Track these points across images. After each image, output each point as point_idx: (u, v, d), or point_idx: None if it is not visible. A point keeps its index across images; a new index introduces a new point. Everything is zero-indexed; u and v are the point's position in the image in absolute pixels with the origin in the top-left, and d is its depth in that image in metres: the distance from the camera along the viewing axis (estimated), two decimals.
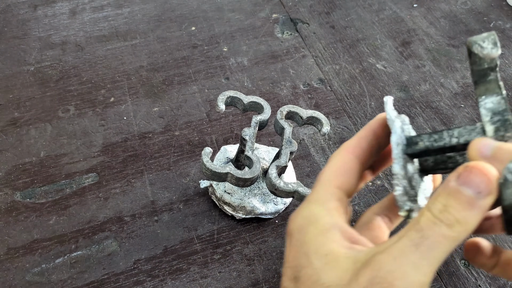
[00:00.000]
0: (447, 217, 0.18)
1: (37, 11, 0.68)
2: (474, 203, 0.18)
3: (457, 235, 0.18)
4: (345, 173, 0.22)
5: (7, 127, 0.54)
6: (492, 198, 0.18)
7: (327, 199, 0.21)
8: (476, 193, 0.18)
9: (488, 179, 0.18)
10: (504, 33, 0.67)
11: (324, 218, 0.20)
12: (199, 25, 0.67)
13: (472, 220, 0.18)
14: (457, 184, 0.18)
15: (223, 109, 0.41)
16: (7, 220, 0.46)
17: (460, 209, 0.18)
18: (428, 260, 0.17)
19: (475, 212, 0.18)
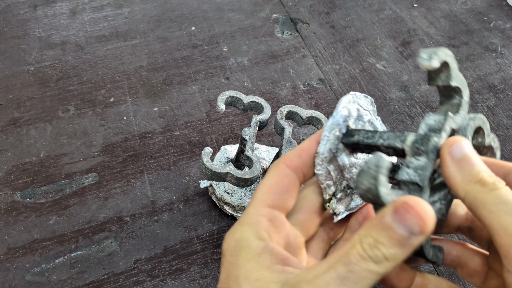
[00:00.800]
0: (376, 254, 0.18)
1: (37, 11, 0.68)
2: (405, 242, 0.18)
3: (384, 271, 0.18)
4: (279, 190, 0.22)
5: (7, 127, 0.54)
6: (424, 238, 0.18)
7: (258, 221, 0.21)
8: (409, 233, 0.18)
9: (424, 222, 0.18)
10: (504, 33, 0.67)
11: (255, 242, 0.20)
12: (199, 25, 0.67)
13: (400, 257, 0.18)
14: (392, 220, 0.18)
15: (223, 109, 0.41)
16: (7, 220, 0.46)
17: (390, 246, 0.18)
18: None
19: (404, 250, 0.18)
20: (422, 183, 0.20)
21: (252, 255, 0.20)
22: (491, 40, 0.66)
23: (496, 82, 0.61)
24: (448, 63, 0.22)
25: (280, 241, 0.22)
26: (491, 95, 0.59)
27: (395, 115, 0.57)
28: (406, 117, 0.56)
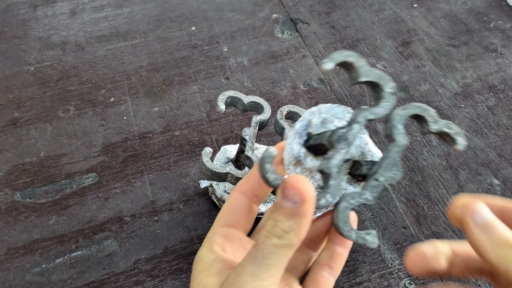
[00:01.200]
0: (276, 230, 0.21)
1: (37, 11, 0.68)
2: (294, 212, 0.21)
3: (288, 242, 0.21)
4: (231, 212, 0.26)
5: (7, 127, 0.54)
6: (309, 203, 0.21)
7: (212, 239, 0.25)
8: (293, 204, 0.21)
9: (299, 190, 0.21)
10: (504, 33, 0.67)
11: (207, 256, 0.24)
12: (199, 25, 0.67)
13: (297, 226, 0.21)
14: (280, 199, 0.21)
15: (223, 109, 0.41)
16: (7, 220, 0.46)
17: (285, 220, 0.21)
18: (265, 269, 0.21)
19: (297, 220, 0.21)
20: (328, 170, 0.23)
21: (205, 266, 0.24)
22: (491, 40, 0.66)
23: (496, 82, 0.61)
24: (352, 62, 0.24)
25: (236, 253, 0.25)
26: (491, 95, 0.59)
27: None
28: None
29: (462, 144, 0.24)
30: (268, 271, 0.21)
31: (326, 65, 0.23)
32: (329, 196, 0.23)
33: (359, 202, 0.24)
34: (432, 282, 0.43)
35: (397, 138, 0.24)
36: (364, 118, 0.24)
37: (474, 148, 0.53)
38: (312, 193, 0.21)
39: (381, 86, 0.25)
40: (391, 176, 0.24)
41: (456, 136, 0.25)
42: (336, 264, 0.28)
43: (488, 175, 0.51)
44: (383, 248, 0.45)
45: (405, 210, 0.48)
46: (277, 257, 0.21)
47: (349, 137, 0.24)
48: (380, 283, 0.43)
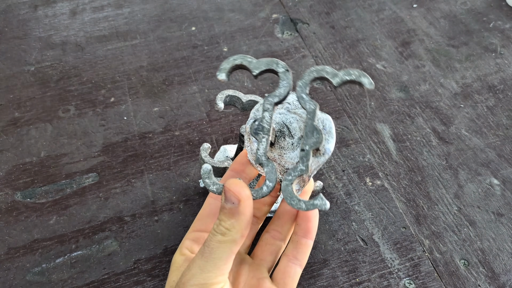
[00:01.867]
0: (220, 229, 0.24)
1: (37, 11, 0.68)
2: (234, 212, 0.24)
3: (230, 238, 0.24)
4: (203, 217, 0.29)
5: (8, 127, 0.54)
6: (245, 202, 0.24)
7: (183, 243, 0.28)
8: (232, 204, 0.24)
9: (234, 192, 0.24)
10: (503, 33, 0.67)
11: (178, 258, 0.27)
12: (199, 25, 0.67)
13: (237, 224, 0.24)
14: (223, 201, 0.25)
15: (222, 107, 0.41)
16: (8, 220, 0.46)
17: (227, 219, 0.24)
18: (211, 262, 0.24)
19: (237, 218, 0.24)
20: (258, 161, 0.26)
21: (176, 267, 0.27)
22: (491, 40, 0.66)
23: (495, 82, 0.61)
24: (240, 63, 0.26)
25: None
26: (490, 95, 0.59)
27: (395, 115, 0.57)
28: (406, 117, 0.56)
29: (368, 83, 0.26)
30: (214, 264, 0.24)
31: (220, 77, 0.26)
32: (268, 182, 0.25)
33: (295, 175, 0.25)
34: (432, 282, 0.43)
35: (306, 107, 0.27)
36: (271, 104, 0.26)
37: (473, 148, 0.54)
38: (246, 194, 0.24)
39: (275, 69, 0.27)
40: (314, 141, 0.26)
41: (360, 79, 0.26)
42: (301, 254, 0.30)
43: (487, 175, 0.51)
44: (383, 248, 0.45)
45: (405, 210, 0.48)
46: (222, 252, 0.24)
47: (265, 125, 0.26)
48: (380, 283, 0.43)
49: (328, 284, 0.42)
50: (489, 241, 0.46)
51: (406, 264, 0.44)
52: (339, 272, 0.43)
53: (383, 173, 0.51)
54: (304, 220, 0.30)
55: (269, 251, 0.30)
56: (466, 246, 0.45)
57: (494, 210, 0.48)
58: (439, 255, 0.45)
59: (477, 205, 0.49)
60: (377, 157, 0.52)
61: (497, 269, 0.44)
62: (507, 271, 0.44)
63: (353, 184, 0.50)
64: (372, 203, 0.48)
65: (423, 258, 0.44)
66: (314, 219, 0.30)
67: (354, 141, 0.54)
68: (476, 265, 0.44)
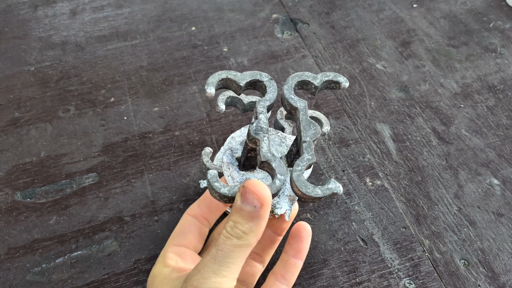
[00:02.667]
0: (236, 232, 0.23)
1: (37, 11, 0.68)
2: (254, 215, 0.23)
3: (247, 242, 0.23)
4: (183, 233, 0.29)
5: (8, 127, 0.54)
6: (267, 205, 0.23)
7: (165, 256, 0.28)
8: (253, 207, 0.23)
9: (258, 195, 0.23)
10: (503, 33, 0.67)
11: (163, 270, 0.27)
12: (199, 25, 0.67)
13: (256, 228, 0.23)
14: (240, 203, 0.23)
15: (223, 109, 0.41)
16: (8, 220, 0.46)
17: (244, 222, 0.23)
18: (226, 266, 0.23)
19: (256, 222, 0.23)
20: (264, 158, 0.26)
21: (162, 278, 0.26)
22: (491, 40, 0.66)
23: (495, 82, 0.61)
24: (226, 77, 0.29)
25: (190, 267, 0.27)
26: (490, 95, 0.59)
27: (395, 115, 0.57)
28: (406, 117, 0.56)
29: (344, 81, 0.28)
30: (229, 268, 0.23)
31: (208, 91, 0.27)
32: (279, 175, 0.25)
33: (304, 164, 0.26)
34: (432, 282, 0.43)
35: (297, 104, 0.28)
36: (263, 107, 0.28)
37: (473, 148, 0.54)
38: (270, 197, 0.23)
39: (259, 79, 0.28)
40: (313, 132, 0.27)
41: (336, 79, 0.29)
42: (289, 274, 0.29)
43: (487, 175, 0.51)
44: (382, 248, 0.45)
45: (405, 210, 0.48)
46: (237, 256, 0.23)
47: (263, 126, 0.27)
48: (380, 283, 0.43)
49: (328, 284, 0.42)
50: (489, 241, 0.46)
51: (406, 264, 0.44)
52: (339, 272, 0.43)
53: (383, 173, 0.51)
54: (296, 239, 0.29)
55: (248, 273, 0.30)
56: (466, 246, 0.45)
57: (494, 210, 0.48)
58: (439, 255, 0.45)
59: (477, 205, 0.49)
60: (377, 157, 0.52)
61: (497, 269, 0.44)
62: (507, 271, 0.44)
63: (353, 184, 0.50)
64: (372, 203, 0.48)
65: (423, 258, 0.44)
66: (306, 239, 0.29)
67: (354, 141, 0.54)
68: (476, 265, 0.44)
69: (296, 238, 0.29)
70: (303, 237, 0.29)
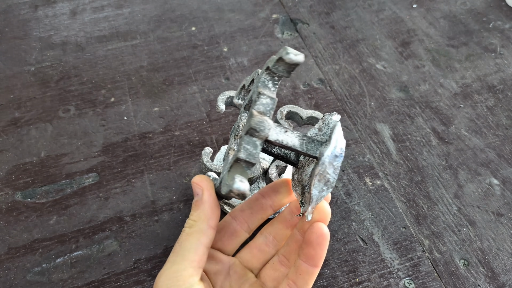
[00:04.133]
0: (188, 222, 0.26)
1: (37, 12, 0.68)
2: (198, 203, 0.26)
3: (197, 229, 0.26)
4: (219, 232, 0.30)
5: (8, 127, 0.54)
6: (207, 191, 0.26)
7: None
8: (197, 196, 0.26)
9: (197, 184, 0.26)
10: (503, 33, 0.68)
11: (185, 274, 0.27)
12: (199, 25, 0.67)
13: (202, 214, 0.26)
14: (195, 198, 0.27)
15: (223, 109, 0.41)
16: (8, 220, 0.46)
17: (193, 212, 0.26)
18: (180, 255, 0.25)
19: (202, 207, 0.26)
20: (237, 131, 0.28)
21: None
22: (490, 41, 0.67)
23: (495, 82, 0.61)
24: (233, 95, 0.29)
25: None
26: (490, 95, 0.59)
27: (394, 115, 0.57)
28: (405, 117, 0.57)
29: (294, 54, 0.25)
30: (183, 256, 0.25)
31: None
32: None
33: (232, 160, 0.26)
34: (432, 282, 0.43)
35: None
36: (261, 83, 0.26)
37: (473, 148, 0.54)
38: (209, 184, 0.26)
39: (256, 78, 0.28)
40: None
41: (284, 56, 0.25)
42: (300, 281, 0.27)
43: (487, 175, 0.51)
44: (382, 248, 0.45)
45: (405, 210, 0.48)
46: (189, 243, 0.25)
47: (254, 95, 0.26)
48: (379, 282, 0.43)
49: (328, 284, 0.42)
50: (488, 241, 0.46)
51: (406, 264, 0.44)
52: (339, 272, 0.43)
53: (383, 173, 0.51)
54: (307, 244, 0.26)
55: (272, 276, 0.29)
56: (466, 246, 0.45)
57: (494, 210, 0.48)
58: (439, 255, 0.45)
59: (476, 205, 0.49)
60: (377, 157, 0.52)
61: (497, 269, 0.44)
62: (507, 271, 0.44)
63: (353, 184, 0.50)
64: (372, 203, 0.48)
65: (423, 258, 0.44)
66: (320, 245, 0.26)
67: (354, 141, 0.54)
68: (475, 265, 0.44)
69: (308, 242, 0.26)
70: (316, 242, 0.26)
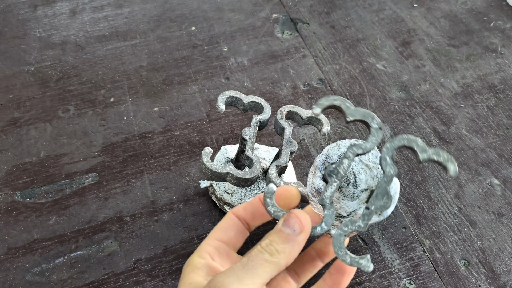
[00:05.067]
0: (270, 248, 0.25)
1: (37, 11, 0.68)
2: (291, 238, 0.25)
3: (277, 261, 0.25)
4: (226, 229, 0.29)
5: (7, 127, 0.54)
6: (305, 234, 0.25)
7: (203, 248, 0.29)
8: (292, 231, 0.25)
9: (300, 221, 0.25)
10: (504, 33, 0.67)
11: (196, 260, 0.28)
12: (199, 25, 0.67)
13: (289, 250, 0.25)
14: (281, 225, 0.25)
15: (223, 109, 0.41)
16: (7, 220, 0.46)
17: (280, 242, 0.25)
18: (251, 276, 0.24)
19: (291, 244, 0.25)
20: (322, 202, 0.27)
21: (192, 268, 0.27)
22: (491, 40, 0.66)
23: (496, 82, 0.61)
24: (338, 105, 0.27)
25: (223, 264, 0.28)
26: (491, 95, 0.59)
27: (395, 115, 0.57)
28: (406, 117, 0.56)
29: (453, 171, 0.26)
30: (253, 279, 0.24)
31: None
32: (323, 224, 0.26)
33: (351, 229, 0.26)
34: (432, 282, 0.43)
35: (386, 169, 0.27)
36: (353, 154, 0.27)
37: (474, 148, 0.54)
38: (310, 227, 0.25)
39: (369, 123, 0.28)
40: (381, 205, 0.26)
41: (446, 163, 0.26)
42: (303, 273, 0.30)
43: (488, 175, 0.51)
44: (383, 248, 0.45)
45: (405, 210, 0.48)
46: (263, 270, 0.24)
47: (340, 171, 0.27)
48: (380, 283, 0.43)
49: None
50: (489, 241, 0.46)
51: (407, 264, 0.44)
52: None
53: None
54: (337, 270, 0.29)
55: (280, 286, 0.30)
56: (467, 246, 0.45)
57: (495, 210, 0.48)
58: (440, 255, 0.45)
59: (477, 205, 0.48)
60: None
61: (498, 269, 0.44)
62: (508, 271, 0.44)
63: None
64: None
65: (424, 258, 0.44)
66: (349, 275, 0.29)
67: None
68: (476, 265, 0.44)
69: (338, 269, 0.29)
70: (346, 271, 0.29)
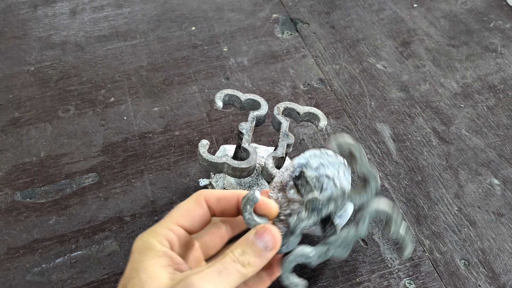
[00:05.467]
0: (243, 259, 0.26)
1: (37, 11, 0.68)
2: (262, 253, 0.26)
3: (247, 272, 0.26)
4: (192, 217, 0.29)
5: (7, 127, 0.54)
6: (274, 252, 0.26)
7: (164, 233, 0.28)
8: (265, 247, 0.26)
9: (275, 240, 0.26)
10: (504, 33, 0.67)
11: (158, 246, 0.27)
12: (199, 25, 0.67)
13: (258, 264, 0.26)
14: (254, 238, 0.26)
15: (221, 106, 0.41)
16: (7, 220, 0.46)
17: (253, 255, 0.26)
18: (224, 283, 0.25)
19: (261, 259, 0.26)
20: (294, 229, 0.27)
21: (154, 255, 0.26)
22: (491, 40, 0.66)
23: (496, 82, 0.61)
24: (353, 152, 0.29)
25: (184, 256, 0.28)
26: (491, 95, 0.59)
27: (395, 115, 0.57)
28: (406, 117, 0.56)
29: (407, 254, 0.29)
30: (227, 285, 0.25)
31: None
32: (284, 247, 0.27)
33: (303, 261, 0.27)
34: (432, 282, 0.43)
35: (360, 226, 0.28)
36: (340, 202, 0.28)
37: (474, 148, 0.54)
38: (280, 246, 0.27)
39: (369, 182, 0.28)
40: (340, 253, 0.28)
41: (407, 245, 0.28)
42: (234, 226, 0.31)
43: (488, 175, 0.51)
44: (383, 248, 0.45)
45: (405, 210, 0.48)
46: (235, 279, 0.25)
47: (323, 211, 0.27)
48: (380, 283, 0.43)
49: (328, 284, 0.42)
50: (489, 241, 0.46)
51: (406, 264, 0.44)
52: (339, 272, 0.43)
53: (383, 173, 0.51)
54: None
55: None
56: (467, 246, 0.45)
57: (495, 210, 0.48)
58: (439, 255, 0.45)
59: (477, 205, 0.48)
60: (377, 157, 0.52)
61: (498, 269, 0.44)
62: (508, 271, 0.44)
63: (353, 184, 0.50)
64: None
65: (423, 258, 0.44)
66: None
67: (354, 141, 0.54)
68: (476, 265, 0.44)
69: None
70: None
